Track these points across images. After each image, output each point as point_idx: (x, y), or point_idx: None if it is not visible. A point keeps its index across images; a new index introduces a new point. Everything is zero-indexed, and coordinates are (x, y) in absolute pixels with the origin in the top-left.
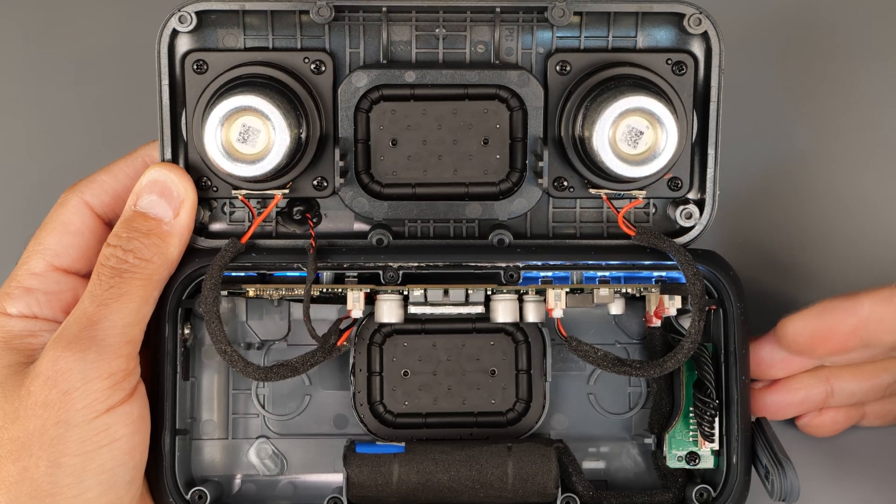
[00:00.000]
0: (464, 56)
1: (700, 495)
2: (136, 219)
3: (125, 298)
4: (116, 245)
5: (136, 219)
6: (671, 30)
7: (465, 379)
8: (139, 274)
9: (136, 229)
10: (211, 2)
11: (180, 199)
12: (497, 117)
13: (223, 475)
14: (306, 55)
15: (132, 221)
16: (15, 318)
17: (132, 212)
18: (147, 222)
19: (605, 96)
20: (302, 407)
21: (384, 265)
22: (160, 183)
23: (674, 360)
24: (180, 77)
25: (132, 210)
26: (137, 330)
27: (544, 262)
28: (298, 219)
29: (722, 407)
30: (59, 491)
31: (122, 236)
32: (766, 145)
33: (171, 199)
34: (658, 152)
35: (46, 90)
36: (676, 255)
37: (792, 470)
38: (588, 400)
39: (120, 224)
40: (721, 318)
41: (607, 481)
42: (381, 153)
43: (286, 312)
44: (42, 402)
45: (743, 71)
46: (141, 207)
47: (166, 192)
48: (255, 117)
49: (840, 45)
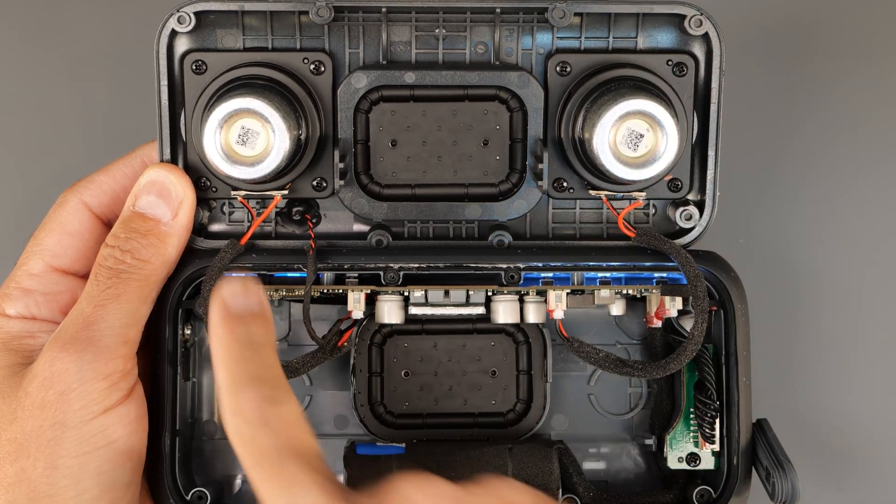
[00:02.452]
0: (464, 57)
1: (700, 496)
2: (135, 219)
3: (122, 299)
4: (114, 245)
5: (134, 219)
6: (672, 31)
7: (466, 379)
8: (137, 274)
9: (135, 230)
10: (210, 2)
11: (179, 200)
12: (497, 118)
13: (224, 476)
14: (306, 56)
15: (130, 222)
16: (13, 319)
17: (130, 212)
18: (145, 223)
19: (605, 98)
20: (302, 407)
21: (385, 266)
22: (159, 183)
23: (676, 362)
24: (179, 77)
25: (130, 210)
26: (135, 331)
27: (545, 264)
28: (298, 219)
29: (723, 408)
30: (56, 492)
31: (121, 237)
32: (766, 145)
33: (170, 200)
34: (658, 155)
35: (45, 90)
36: (677, 257)
37: (793, 471)
38: (589, 401)
39: (118, 225)
40: (722, 320)
41: (608, 482)
42: (380, 154)
43: (286, 313)
44: (39, 403)
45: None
46: (139, 208)
47: (165, 193)
48: (255, 119)
49: (840, 46)
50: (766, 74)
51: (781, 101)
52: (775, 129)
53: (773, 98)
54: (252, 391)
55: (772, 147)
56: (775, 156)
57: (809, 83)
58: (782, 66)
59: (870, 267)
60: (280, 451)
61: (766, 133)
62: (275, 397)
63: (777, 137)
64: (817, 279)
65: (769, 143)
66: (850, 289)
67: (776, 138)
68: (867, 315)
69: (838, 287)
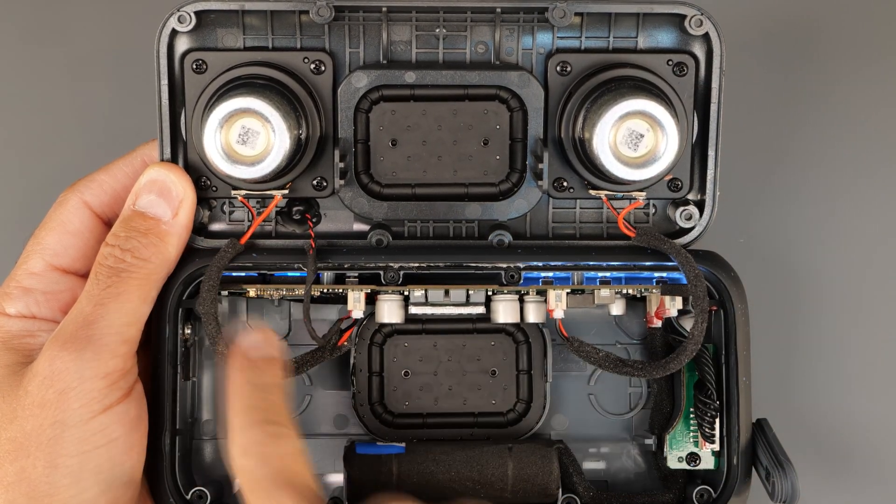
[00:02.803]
0: (464, 56)
1: (700, 496)
2: (135, 218)
3: (122, 298)
4: (114, 244)
5: (134, 218)
6: (672, 31)
7: (466, 379)
8: (137, 273)
9: (135, 229)
10: (210, 1)
11: (179, 199)
12: (497, 118)
13: (224, 475)
14: (306, 55)
15: (131, 221)
16: (13, 318)
17: (131, 211)
18: (146, 222)
19: (605, 98)
20: (302, 407)
21: (385, 265)
22: (159, 182)
23: (676, 362)
24: (179, 77)
25: (131, 209)
26: (134, 330)
27: (545, 263)
28: (298, 219)
29: (723, 408)
30: (56, 491)
31: (121, 236)
32: (766, 145)
33: (170, 199)
34: (658, 155)
35: (45, 90)
36: (677, 257)
37: (792, 471)
38: (588, 400)
39: (118, 223)
40: (722, 320)
41: (608, 482)
42: (380, 153)
43: (287, 312)
44: (39, 401)
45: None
46: (140, 207)
47: (165, 192)
48: (255, 119)
49: (840, 46)
50: (766, 74)
51: (781, 101)
52: (775, 128)
53: (773, 98)
54: (256, 430)
55: (772, 147)
56: (775, 156)
57: (809, 83)
58: (782, 66)
59: (870, 267)
60: (273, 480)
61: (766, 133)
62: (276, 434)
63: (777, 137)
64: (817, 279)
65: (769, 142)
66: (849, 289)
67: (776, 138)
68: (867, 315)
69: (838, 287)
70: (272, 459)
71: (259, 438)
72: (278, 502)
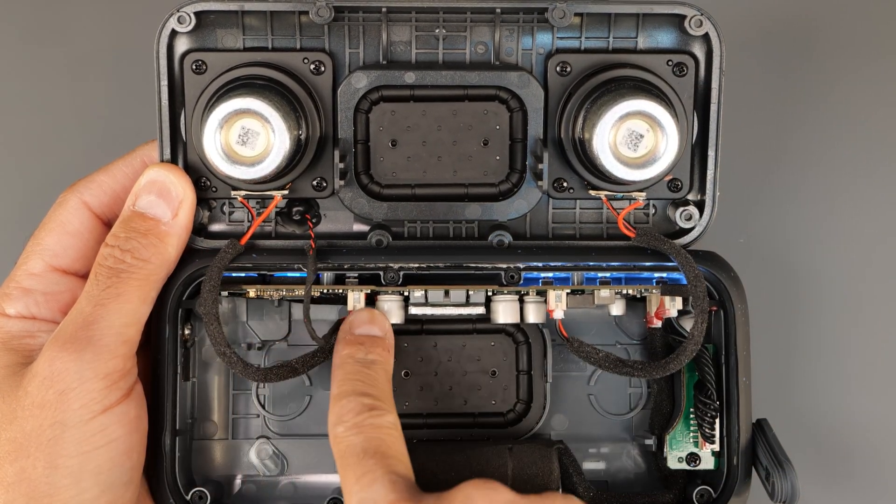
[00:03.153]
0: (464, 57)
1: (700, 496)
2: (135, 219)
3: (122, 299)
4: (114, 245)
5: (134, 219)
6: (672, 31)
7: (466, 379)
8: (137, 274)
9: (135, 229)
10: (210, 2)
11: (179, 200)
12: (497, 118)
13: (224, 475)
14: (306, 56)
15: (130, 221)
16: (13, 319)
17: (130, 212)
18: (145, 222)
19: (605, 98)
20: (302, 407)
21: (385, 266)
22: (159, 183)
23: (676, 362)
24: (179, 77)
25: (130, 210)
26: (134, 330)
27: (545, 264)
28: (298, 219)
29: (723, 408)
30: (56, 492)
31: (121, 236)
32: (766, 145)
33: (170, 200)
34: (658, 156)
35: (45, 90)
36: (677, 257)
37: (792, 471)
38: (588, 401)
39: (118, 224)
40: (722, 320)
41: (608, 482)
42: (380, 154)
43: (286, 313)
44: (39, 402)
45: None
46: (139, 207)
47: (165, 193)
48: (255, 120)
49: (840, 46)
50: (766, 74)
51: (781, 101)
52: (775, 129)
53: (773, 98)
54: (354, 401)
55: (772, 147)
56: (775, 156)
57: (809, 83)
58: (782, 66)
59: (869, 267)
60: (364, 450)
61: (766, 133)
62: (374, 407)
63: (777, 137)
64: (817, 279)
65: (769, 143)
66: (849, 289)
67: (776, 138)
68: (867, 315)
69: (838, 287)
70: (365, 430)
71: (354, 408)
72: (369, 472)
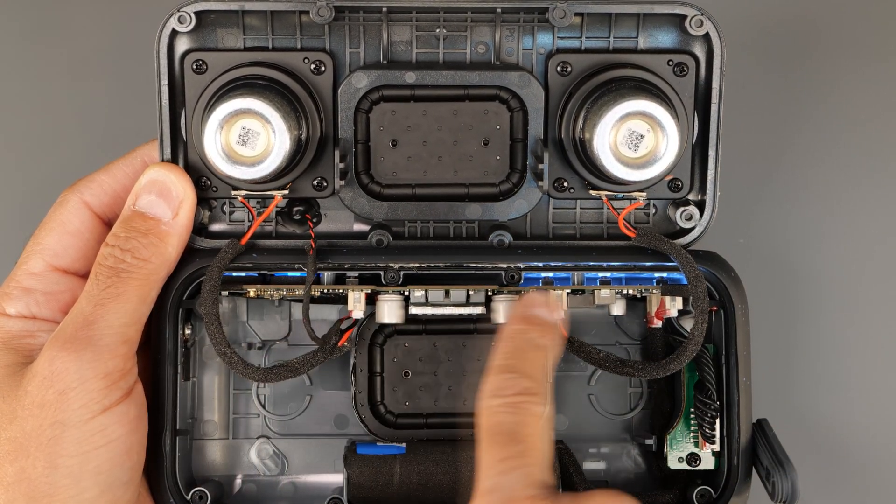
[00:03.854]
0: (464, 57)
1: (701, 496)
2: (135, 218)
3: (122, 298)
4: (114, 245)
5: (134, 218)
6: (673, 31)
7: (466, 380)
8: (137, 274)
9: (135, 229)
10: (210, 2)
11: (179, 199)
12: (497, 118)
13: (224, 475)
14: (306, 55)
15: (131, 221)
16: (14, 319)
17: (131, 211)
18: (146, 222)
19: (605, 99)
20: (302, 407)
21: (385, 266)
22: (159, 183)
23: (676, 362)
24: (180, 77)
25: (131, 210)
26: (134, 330)
27: (545, 264)
28: (298, 219)
29: (723, 408)
30: (56, 491)
31: (121, 236)
32: (767, 145)
33: (170, 199)
34: (659, 156)
35: (46, 90)
36: (678, 258)
37: (793, 471)
38: (589, 401)
39: (118, 224)
40: (722, 320)
41: (608, 482)
42: (381, 154)
43: (287, 312)
44: (39, 402)
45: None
46: (140, 207)
47: (165, 192)
48: (255, 120)
49: (840, 46)
50: (766, 74)
51: (781, 101)
52: (775, 128)
53: (773, 98)
54: (513, 379)
55: (772, 147)
56: (775, 156)
57: (809, 83)
58: (782, 66)
59: (869, 267)
60: (516, 433)
61: (766, 133)
62: (533, 392)
63: (777, 137)
64: (817, 279)
65: (769, 142)
66: (849, 289)
67: (776, 138)
68: (867, 315)
69: (838, 287)
70: (522, 412)
71: (514, 386)
72: (513, 457)
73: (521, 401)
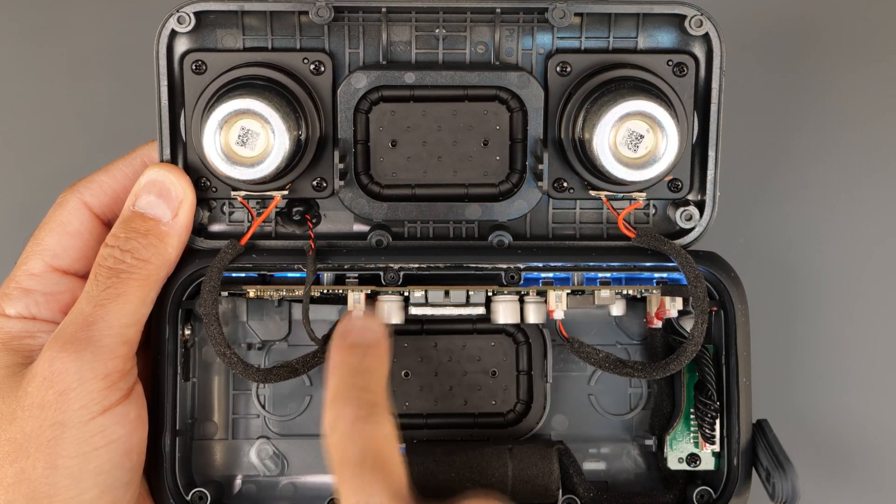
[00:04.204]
0: (464, 57)
1: (701, 497)
2: (135, 219)
3: (122, 299)
4: (114, 245)
5: (134, 219)
6: (672, 31)
7: (466, 380)
8: (137, 274)
9: (135, 229)
10: (210, 2)
11: (179, 200)
12: (497, 118)
13: (224, 476)
14: (305, 56)
15: (130, 222)
16: (13, 319)
17: (130, 212)
18: (145, 223)
19: (605, 99)
20: (302, 407)
21: (385, 266)
22: (159, 183)
23: (676, 363)
24: (179, 77)
25: (130, 210)
26: (134, 330)
27: (545, 264)
28: (298, 219)
29: (723, 408)
30: (56, 492)
31: (120, 236)
32: (766, 145)
33: (170, 200)
34: (658, 156)
35: (45, 90)
36: (677, 258)
37: (793, 471)
38: (589, 401)
39: (118, 224)
40: (722, 320)
41: (608, 482)
42: (380, 154)
43: (287, 313)
44: (39, 402)
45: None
46: (139, 208)
47: (165, 193)
48: (255, 120)
49: (840, 46)
50: (766, 74)
51: (781, 101)
52: (775, 129)
53: (773, 98)
54: (349, 408)
55: (772, 147)
56: (775, 156)
57: (809, 83)
58: (782, 66)
59: (869, 267)
60: (361, 459)
61: (766, 133)
62: (369, 416)
63: (777, 137)
64: (817, 279)
65: (769, 143)
66: (849, 289)
67: (776, 138)
68: (866, 315)
69: (838, 287)
70: (362, 439)
71: (350, 417)
72: (365, 483)
73: (357, 428)
